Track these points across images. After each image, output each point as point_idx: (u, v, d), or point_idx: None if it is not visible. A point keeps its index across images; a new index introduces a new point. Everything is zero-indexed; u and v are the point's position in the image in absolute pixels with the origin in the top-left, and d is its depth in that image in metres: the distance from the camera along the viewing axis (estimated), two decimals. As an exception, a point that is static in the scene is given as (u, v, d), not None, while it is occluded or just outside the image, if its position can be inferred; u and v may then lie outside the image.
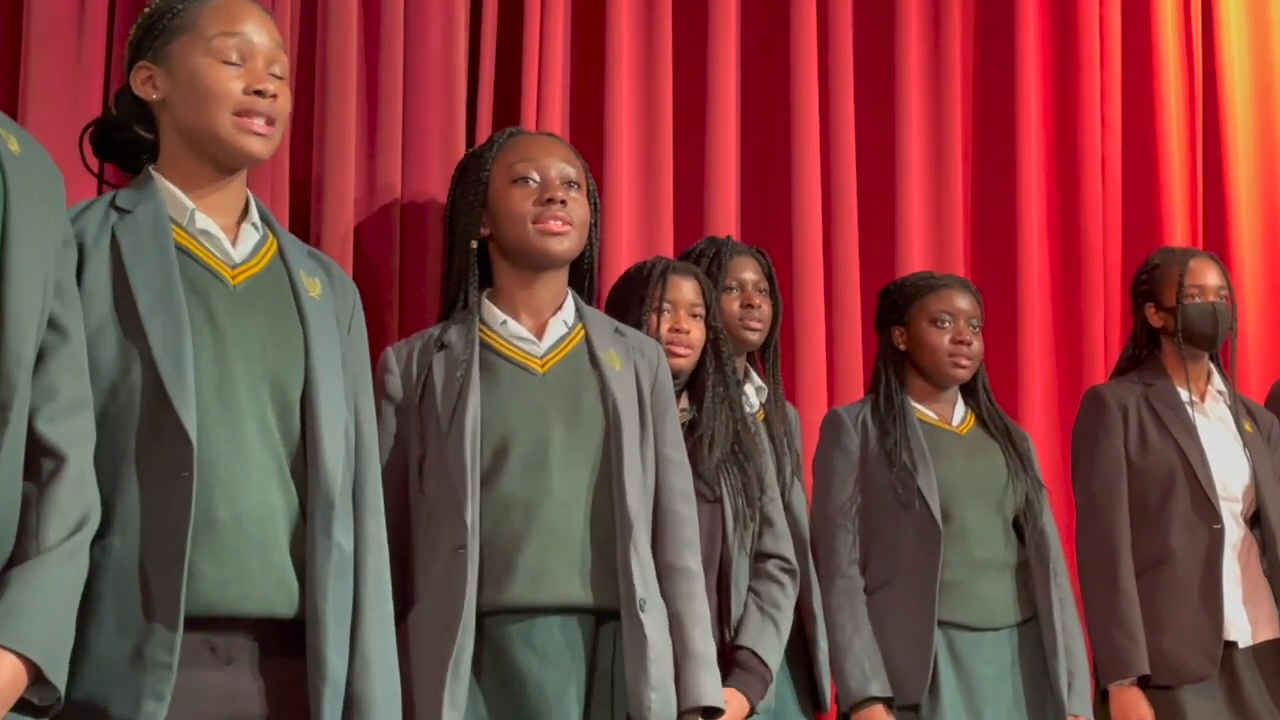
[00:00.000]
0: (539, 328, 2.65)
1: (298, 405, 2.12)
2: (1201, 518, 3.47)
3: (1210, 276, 3.62)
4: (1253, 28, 4.62)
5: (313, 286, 2.21)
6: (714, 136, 3.66)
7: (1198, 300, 3.59)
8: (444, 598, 2.44)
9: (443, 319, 2.72)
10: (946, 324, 3.33)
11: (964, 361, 3.32)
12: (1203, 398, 3.62)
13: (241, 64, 2.16)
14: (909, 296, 3.37)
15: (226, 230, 2.19)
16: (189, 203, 2.16)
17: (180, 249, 2.11)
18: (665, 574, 2.59)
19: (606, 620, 2.52)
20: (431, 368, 2.58)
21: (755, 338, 3.19)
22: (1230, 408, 3.63)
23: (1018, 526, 3.33)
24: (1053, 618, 3.24)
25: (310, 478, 2.10)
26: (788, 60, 3.82)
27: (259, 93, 2.15)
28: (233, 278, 2.15)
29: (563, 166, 2.66)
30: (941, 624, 3.16)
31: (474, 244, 2.67)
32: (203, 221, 2.15)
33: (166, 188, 2.16)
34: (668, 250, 3.46)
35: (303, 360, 2.14)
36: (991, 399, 3.43)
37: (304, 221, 3.01)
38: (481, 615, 2.45)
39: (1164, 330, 3.65)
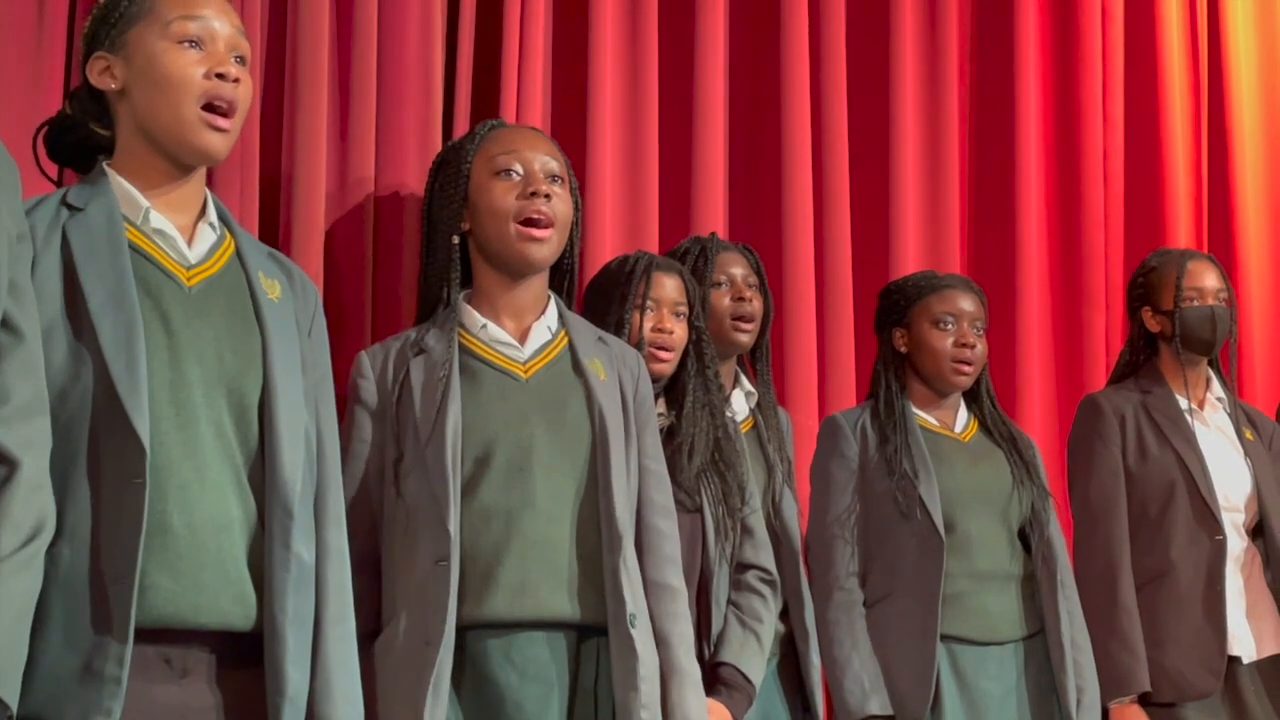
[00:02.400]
0: (521, 332, 2.61)
1: (255, 411, 2.08)
2: (1203, 529, 3.42)
3: (1208, 279, 3.58)
4: (1259, 19, 4.61)
5: (272, 289, 2.18)
6: (701, 129, 3.62)
7: (1195, 304, 3.55)
8: (424, 611, 2.38)
9: (421, 319, 2.68)
10: (949, 326, 3.27)
11: (967, 366, 3.27)
12: (1202, 405, 3.58)
13: (202, 48, 2.13)
14: (910, 297, 3.32)
15: (183, 230, 2.15)
16: (143, 200, 2.12)
17: (134, 248, 2.07)
18: (648, 591, 2.54)
19: (589, 636, 2.47)
20: (409, 371, 2.53)
21: (746, 339, 3.14)
22: (1230, 415, 3.59)
23: (1024, 537, 3.28)
24: (1060, 631, 3.18)
25: (268, 486, 2.06)
26: (777, 49, 3.78)
27: (221, 76, 2.12)
28: (188, 279, 2.11)
29: (546, 159, 2.63)
30: (944, 638, 3.10)
31: (455, 239, 2.63)
32: (157, 220, 2.11)
33: (120, 184, 2.12)
34: (653, 249, 3.41)
35: (260, 364, 2.10)
36: (996, 404, 3.39)
37: (273, 218, 2.96)
38: (460, 629, 2.39)
39: (1161, 335, 3.61)
